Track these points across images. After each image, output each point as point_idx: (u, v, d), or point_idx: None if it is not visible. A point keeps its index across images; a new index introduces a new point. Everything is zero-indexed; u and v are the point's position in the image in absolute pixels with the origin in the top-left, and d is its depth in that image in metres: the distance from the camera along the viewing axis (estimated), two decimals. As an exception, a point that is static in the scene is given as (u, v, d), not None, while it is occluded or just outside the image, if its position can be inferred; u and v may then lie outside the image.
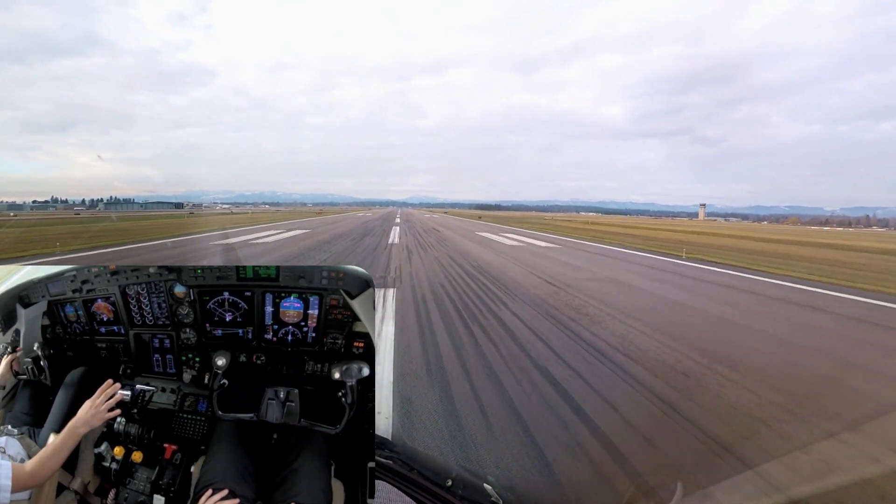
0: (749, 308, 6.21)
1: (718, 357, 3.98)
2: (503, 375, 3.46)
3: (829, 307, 6.31)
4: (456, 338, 4.44)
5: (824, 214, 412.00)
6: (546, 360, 3.82)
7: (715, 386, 3.30)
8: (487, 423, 2.69)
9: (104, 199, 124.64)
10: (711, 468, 2.23)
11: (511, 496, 0.87)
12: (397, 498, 0.85)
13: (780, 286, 7.94)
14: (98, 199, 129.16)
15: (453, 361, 3.77)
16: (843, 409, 3.06)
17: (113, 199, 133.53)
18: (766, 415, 2.84)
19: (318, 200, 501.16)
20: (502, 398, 3.05)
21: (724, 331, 5.01)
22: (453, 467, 0.94)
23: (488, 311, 5.60)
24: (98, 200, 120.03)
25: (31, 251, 10.44)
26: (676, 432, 2.58)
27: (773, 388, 3.28)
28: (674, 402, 2.99)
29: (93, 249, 11.62)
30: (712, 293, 7.27)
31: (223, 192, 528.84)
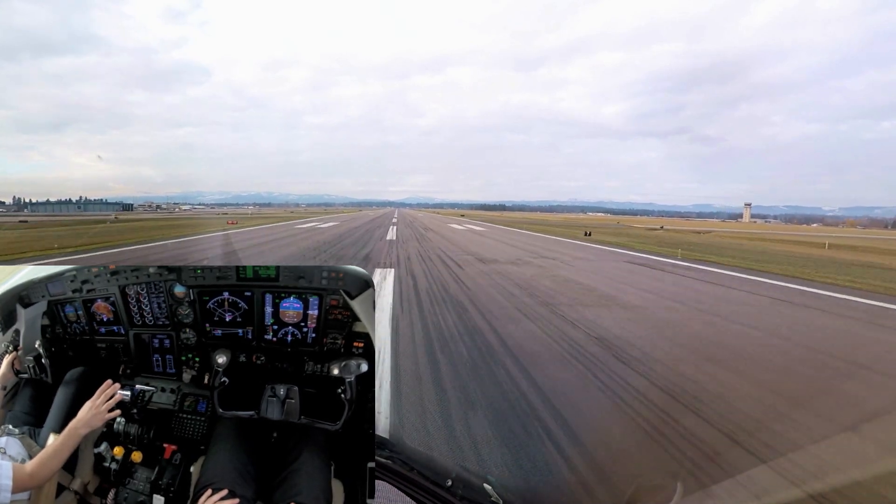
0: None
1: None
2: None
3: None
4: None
5: (823, 214, 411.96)
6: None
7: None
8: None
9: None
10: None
11: (511, 496, 0.87)
12: (397, 498, 0.85)
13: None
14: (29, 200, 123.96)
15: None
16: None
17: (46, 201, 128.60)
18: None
19: (315, 201, 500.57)
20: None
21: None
22: (453, 467, 0.94)
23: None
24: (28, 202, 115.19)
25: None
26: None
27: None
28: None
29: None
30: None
31: (220, 193, 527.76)
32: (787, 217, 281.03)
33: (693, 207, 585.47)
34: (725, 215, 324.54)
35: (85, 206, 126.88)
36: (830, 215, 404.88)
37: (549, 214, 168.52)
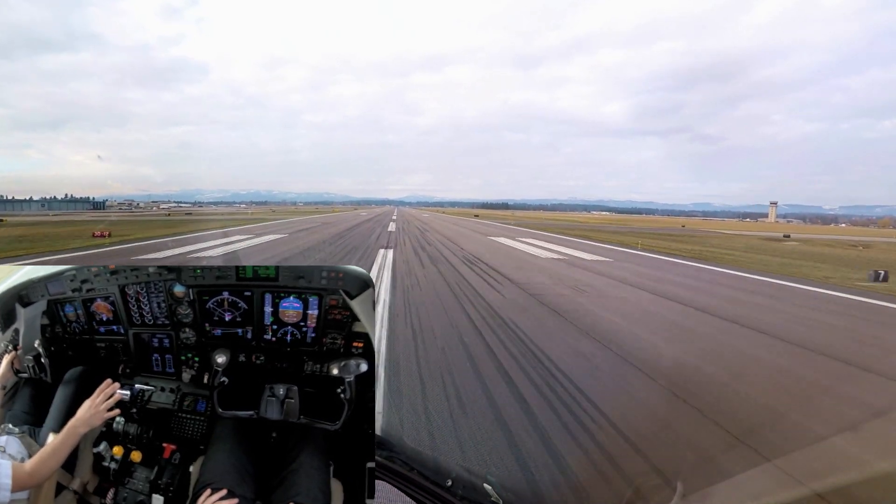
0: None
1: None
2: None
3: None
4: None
5: (824, 213, 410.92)
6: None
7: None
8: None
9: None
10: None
11: (511, 496, 0.87)
12: (397, 498, 0.85)
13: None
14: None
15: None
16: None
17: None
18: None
19: (315, 199, 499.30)
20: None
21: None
22: (453, 467, 0.94)
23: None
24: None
25: None
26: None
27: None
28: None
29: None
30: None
31: (220, 192, 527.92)
32: (795, 216, 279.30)
33: (693, 206, 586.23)
34: (736, 214, 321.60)
35: (50, 205, 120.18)
36: (831, 214, 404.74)
37: (564, 214, 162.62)
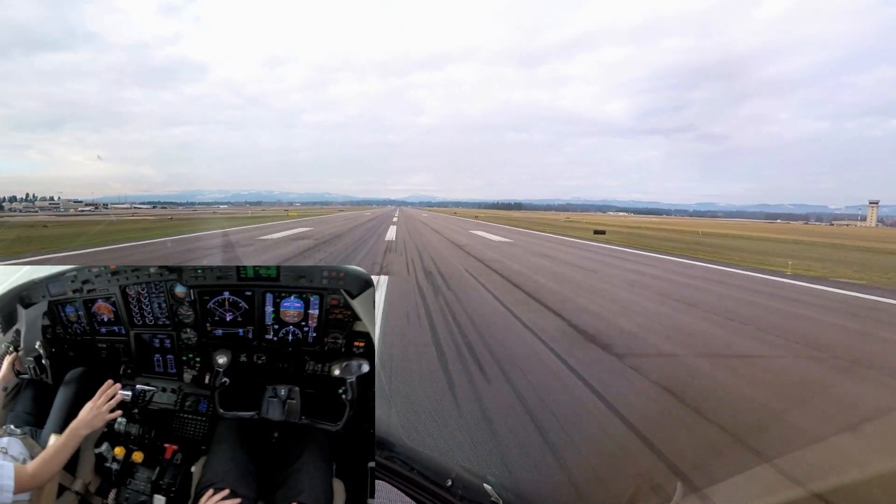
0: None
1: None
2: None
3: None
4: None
5: (830, 213, 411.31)
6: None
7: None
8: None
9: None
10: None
11: (511, 496, 0.87)
12: (397, 498, 0.85)
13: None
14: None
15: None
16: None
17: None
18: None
19: (315, 200, 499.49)
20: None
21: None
22: (453, 467, 0.94)
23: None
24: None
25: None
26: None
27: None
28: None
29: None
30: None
31: (219, 192, 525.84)
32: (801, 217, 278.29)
33: (697, 206, 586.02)
34: (739, 214, 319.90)
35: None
36: (837, 213, 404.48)
37: (579, 215, 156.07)
